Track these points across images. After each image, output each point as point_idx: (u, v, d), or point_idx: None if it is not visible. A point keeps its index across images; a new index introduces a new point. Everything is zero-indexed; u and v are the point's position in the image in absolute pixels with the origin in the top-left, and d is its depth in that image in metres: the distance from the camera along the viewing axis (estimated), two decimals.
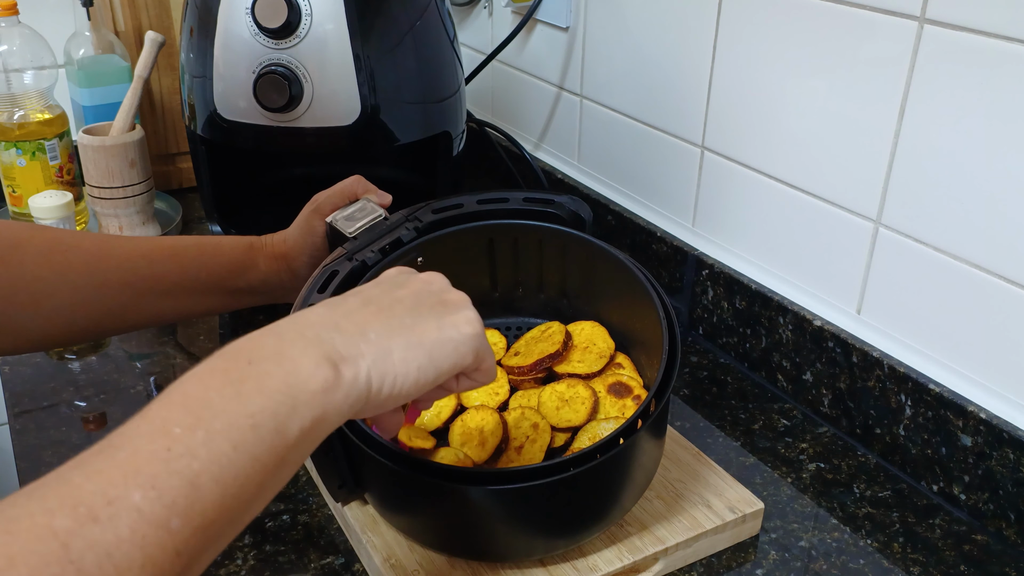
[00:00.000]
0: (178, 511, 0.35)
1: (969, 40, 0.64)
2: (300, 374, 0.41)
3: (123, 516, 0.33)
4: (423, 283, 0.51)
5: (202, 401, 0.38)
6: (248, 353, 0.41)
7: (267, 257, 0.76)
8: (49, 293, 0.65)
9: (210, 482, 0.36)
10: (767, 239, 0.87)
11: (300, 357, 0.41)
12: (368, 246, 0.70)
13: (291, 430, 0.39)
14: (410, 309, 0.48)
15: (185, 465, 0.35)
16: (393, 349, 0.45)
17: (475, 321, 0.49)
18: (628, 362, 0.73)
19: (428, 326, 0.47)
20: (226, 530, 0.37)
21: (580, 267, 0.75)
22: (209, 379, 0.39)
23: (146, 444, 0.36)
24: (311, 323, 0.44)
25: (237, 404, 0.38)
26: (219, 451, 0.37)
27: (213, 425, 0.37)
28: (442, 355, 0.47)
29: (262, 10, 0.81)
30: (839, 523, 0.70)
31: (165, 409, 0.38)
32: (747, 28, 0.83)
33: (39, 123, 1.10)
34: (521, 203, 0.74)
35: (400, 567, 0.61)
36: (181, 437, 0.36)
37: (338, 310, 0.47)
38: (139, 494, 0.34)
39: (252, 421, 0.38)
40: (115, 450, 0.36)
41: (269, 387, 0.40)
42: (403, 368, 0.45)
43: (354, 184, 0.78)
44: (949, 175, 0.68)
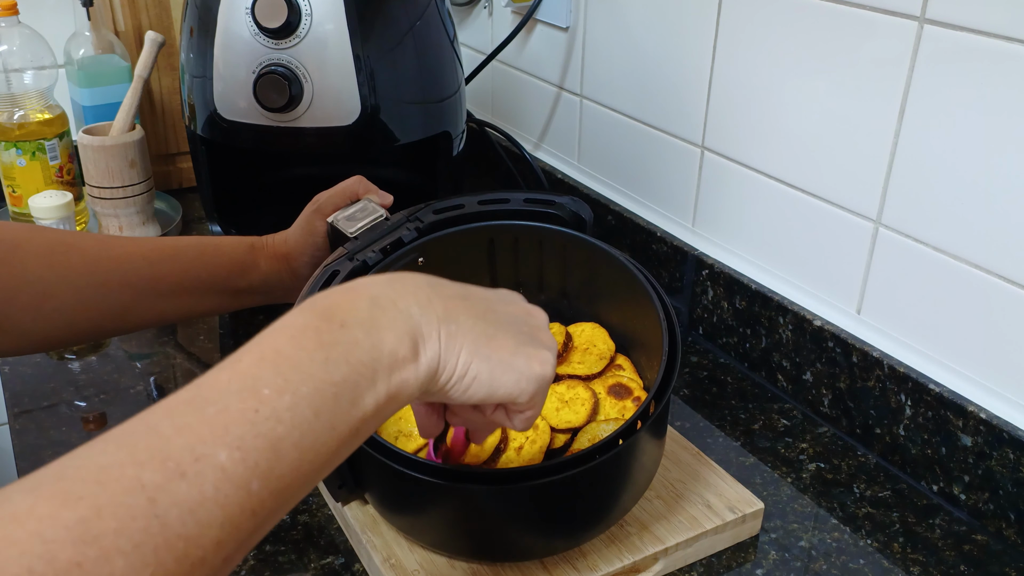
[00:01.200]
0: (259, 473, 0.35)
1: (969, 40, 0.64)
2: (384, 348, 0.41)
3: (208, 474, 0.33)
4: (525, 312, 0.51)
5: (292, 362, 0.38)
6: (342, 314, 0.41)
7: (268, 257, 0.76)
8: (50, 294, 0.65)
9: (291, 447, 0.36)
10: (767, 239, 0.87)
11: (388, 329, 0.42)
12: (369, 246, 0.70)
13: (367, 403, 0.40)
14: (499, 322, 0.47)
15: (270, 428, 0.36)
16: (463, 348, 0.45)
17: (550, 365, 0.48)
18: (628, 363, 0.73)
19: (505, 344, 0.47)
20: (297, 494, 0.38)
21: (580, 268, 0.75)
22: (302, 337, 0.40)
23: (236, 402, 0.36)
24: (406, 291, 0.44)
25: (324, 371, 0.39)
26: (302, 417, 0.37)
27: (300, 390, 0.37)
28: (503, 378, 0.46)
29: (262, 10, 0.81)
30: (839, 523, 0.70)
31: (256, 366, 0.38)
32: (747, 28, 0.83)
33: (39, 123, 1.10)
34: (522, 204, 0.74)
35: (400, 567, 0.61)
36: (269, 399, 0.36)
37: (437, 288, 0.46)
38: (225, 454, 0.34)
39: (335, 390, 0.39)
40: (205, 403, 0.36)
41: (356, 357, 0.40)
42: (462, 370, 0.45)
43: (355, 184, 0.78)
44: (949, 175, 0.68)
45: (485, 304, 0.48)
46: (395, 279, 0.45)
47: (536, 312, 0.52)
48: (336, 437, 0.39)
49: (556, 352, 0.50)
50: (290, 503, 0.38)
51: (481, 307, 0.47)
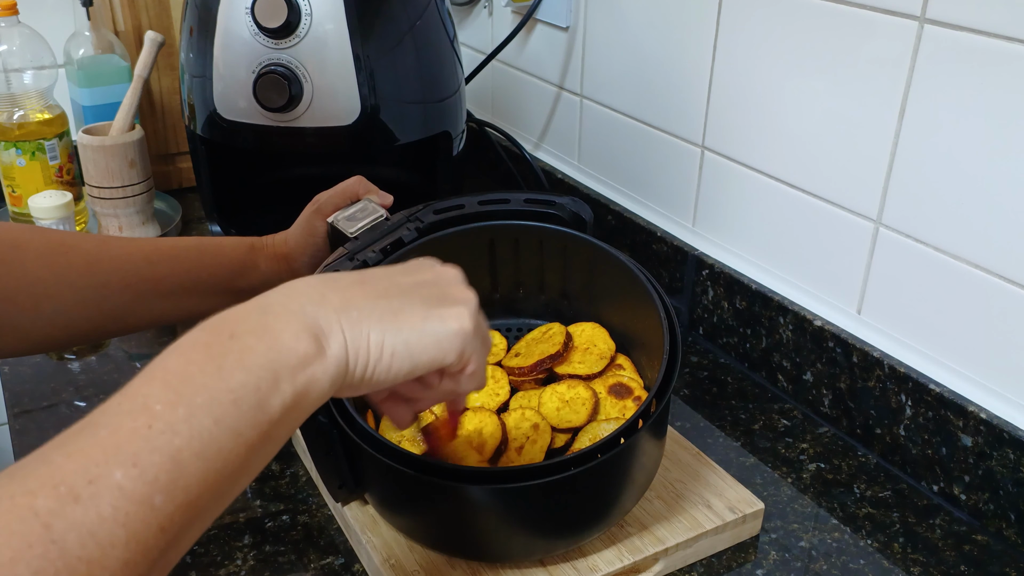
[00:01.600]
0: (160, 487, 0.35)
1: (969, 40, 0.64)
2: (281, 348, 0.40)
3: (105, 495, 0.33)
4: (434, 274, 0.50)
5: (183, 376, 0.38)
6: (232, 326, 0.41)
7: (268, 258, 0.76)
8: (50, 295, 0.65)
9: (192, 458, 0.36)
10: (767, 239, 0.87)
11: (282, 331, 0.41)
12: (369, 246, 0.70)
13: (273, 405, 0.39)
14: (403, 295, 0.47)
15: (167, 441, 0.35)
16: (370, 331, 0.44)
17: (466, 318, 0.47)
18: (629, 363, 0.73)
19: (413, 314, 0.46)
20: (211, 505, 0.37)
21: (581, 268, 0.75)
22: (191, 353, 0.39)
23: (127, 421, 0.36)
24: (298, 293, 0.44)
25: (218, 379, 0.38)
26: (201, 427, 0.37)
27: (194, 401, 0.37)
28: (420, 345, 0.45)
29: (262, 10, 0.81)
30: (839, 523, 0.70)
31: (147, 385, 0.38)
32: (747, 28, 0.83)
33: (39, 123, 1.10)
34: (522, 204, 0.74)
35: (400, 567, 0.61)
36: (162, 414, 0.36)
37: (329, 283, 0.46)
38: (120, 472, 0.34)
39: (233, 396, 0.38)
40: (96, 428, 0.36)
41: (250, 362, 0.39)
42: (376, 352, 0.44)
43: (355, 184, 0.78)
44: (949, 175, 0.68)
45: (385, 282, 0.48)
46: (286, 286, 0.45)
47: (445, 271, 0.51)
48: (243, 443, 0.38)
49: (474, 302, 0.49)
50: (205, 516, 0.37)
51: (381, 286, 0.47)
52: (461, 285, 0.50)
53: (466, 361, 0.48)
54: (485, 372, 0.51)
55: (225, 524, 0.68)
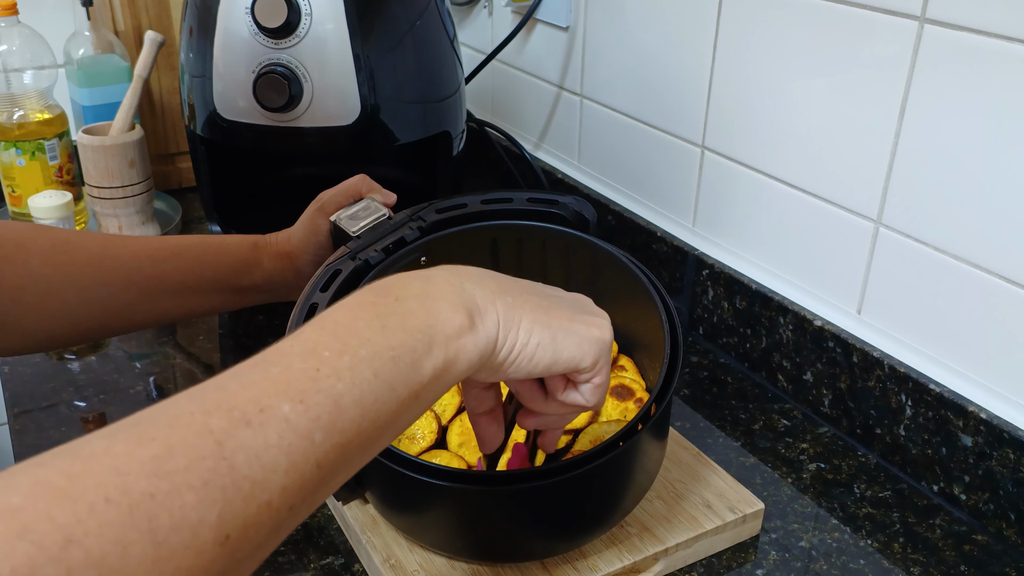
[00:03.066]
0: (321, 425, 0.37)
1: (969, 40, 0.64)
2: (439, 316, 0.44)
3: (272, 424, 0.35)
4: (571, 296, 0.54)
5: (350, 329, 0.41)
6: (397, 290, 0.44)
7: (271, 256, 0.76)
8: (54, 293, 0.65)
9: (351, 404, 0.38)
10: (767, 239, 0.87)
11: (441, 301, 0.44)
12: (371, 245, 0.70)
13: (426, 367, 0.42)
14: (550, 298, 0.50)
15: (331, 385, 0.38)
16: (523, 318, 0.47)
17: (607, 329, 0.51)
18: (631, 364, 0.73)
19: (562, 313, 0.49)
20: (361, 452, 0.40)
21: (583, 268, 0.74)
22: (359, 310, 0.42)
23: (298, 362, 0.38)
24: (458, 273, 0.47)
25: (381, 336, 0.41)
26: (362, 376, 0.39)
27: (359, 352, 0.40)
28: (565, 343, 0.48)
29: (262, 10, 0.81)
30: (839, 523, 0.70)
31: (316, 334, 0.40)
32: (747, 28, 0.83)
33: (39, 123, 1.10)
34: (525, 203, 0.74)
35: (400, 567, 0.61)
36: (329, 360, 0.39)
37: (486, 271, 0.49)
38: (288, 406, 0.36)
39: (393, 353, 0.41)
40: (269, 365, 0.38)
41: (411, 325, 0.42)
42: (524, 338, 0.47)
43: (358, 183, 0.78)
44: (949, 175, 0.68)
45: (533, 287, 0.51)
46: (447, 267, 0.48)
47: (580, 295, 0.55)
48: (396, 398, 0.41)
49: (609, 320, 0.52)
50: (355, 461, 0.40)
51: (529, 287, 0.51)
52: (594, 304, 0.54)
53: (597, 371, 0.51)
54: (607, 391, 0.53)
55: None
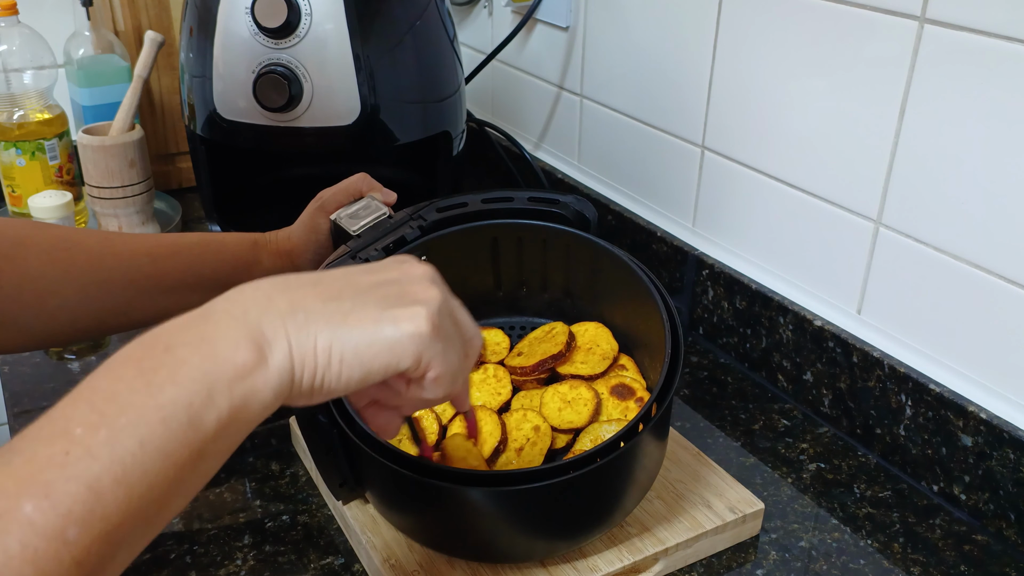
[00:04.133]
0: (75, 519, 0.33)
1: (969, 40, 0.64)
2: (217, 359, 0.38)
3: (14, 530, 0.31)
4: (399, 272, 0.46)
5: (109, 395, 0.36)
6: (167, 338, 0.39)
7: (271, 254, 0.76)
8: (54, 291, 0.65)
9: (112, 484, 0.34)
10: (767, 239, 0.87)
11: (220, 340, 0.38)
12: (371, 244, 0.70)
13: (207, 421, 0.37)
14: (358, 295, 0.43)
15: (84, 468, 0.33)
16: (318, 336, 0.41)
17: (422, 319, 0.43)
18: (632, 364, 0.73)
19: (365, 316, 0.42)
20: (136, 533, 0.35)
21: (584, 268, 0.74)
22: (122, 370, 0.37)
23: (44, 448, 0.34)
24: (243, 298, 0.41)
25: (147, 396, 0.36)
26: (124, 449, 0.34)
27: (118, 422, 0.35)
28: (370, 353, 0.42)
29: (262, 10, 0.81)
30: (839, 523, 0.70)
31: (71, 407, 0.36)
32: (747, 28, 0.83)
33: (39, 123, 1.10)
34: (526, 202, 0.74)
35: (400, 567, 0.61)
36: (81, 438, 0.34)
37: (280, 285, 0.43)
38: (31, 504, 0.32)
39: (162, 414, 0.36)
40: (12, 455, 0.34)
41: (183, 376, 0.37)
42: (324, 360, 0.41)
43: (359, 181, 0.78)
44: (949, 175, 0.68)
45: (341, 281, 0.44)
46: (235, 290, 0.42)
47: (412, 269, 0.47)
48: (173, 464, 0.36)
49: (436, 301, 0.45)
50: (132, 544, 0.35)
51: (335, 287, 0.43)
52: (425, 283, 0.46)
53: (426, 366, 0.44)
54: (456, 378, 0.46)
55: (225, 524, 0.68)
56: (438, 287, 0.46)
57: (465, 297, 0.76)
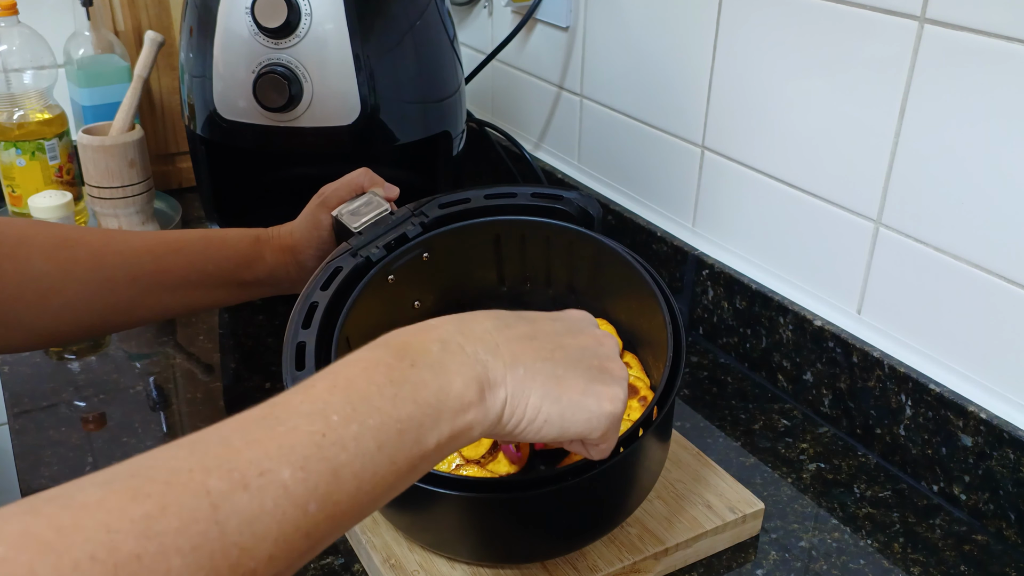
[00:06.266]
0: (317, 496, 0.36)
1: (969, 40, 0.64)
2: (451, 390, 0.42)
3: (270, 489, 0.34)
4: (594, 341, 0.51)
5: (363, 395, 0.40)
6: (413, 355, 0.43)
7: (274, 250, 0.76)
8: (56, 289, 0.65)
9: (351, 475, 0.37)
10: (767, 239, 0.87)
11: (455, 373, 0.43)
12: (373, 241, 0.70)
13: (429, 442, 0.41)
14: (568, 360, 0.48)
15: (334, 454, 0.37)
16: (532, 392, 0.45)
17: (620, 401, 0.48)
18: (636, 361, 0.73)
19: (575, 385, 0.47)
20: (350, 522, 0.39)
21: (587, 264, 0.74)
22: (373, 372, 0.41)
23: (305, 424, 0.37)
24: (474, 336, 0.45)
25: (392, 407, 0.40)
26: (365, 448, 0.38)
27: (367, 421, 0.39)
28: (573, 419, 0.47)
29: (262, 10, 0.81)
30: (839, 523, 0.70)
31: (329, 393, 0.39)
32: (747, 28, 0.83)
33: (39, 123, 1.10)
34: (529, 199, 0.74)
35: (400, 567, 0.61)
36: (336, 426, 0.38)
37: (503, 331, 0.47)
38: (289, 472, 0.35)
39: (400, 426, 0.40)
40: (276, 422, 0.37)
41: (422, 397, 0.41)
42: (532, 414, 0.45)
43: (361, 177, 0.77)
44: (949, 175, 0.68)
45: (554, 341, 0.49)
46: (464, 321, 0.46)
47: (606, 340, 0.52)
48: (395, 471, 0.40)
49: (627, 383, 0.50)
50: (342, 530, 0.38)
51: (549, 346, 0.48)
52: (618, 360, 0.51)
53: (605, 439, 0.49)
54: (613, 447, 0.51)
55: None
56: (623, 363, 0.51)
57: (469, 292, 0.76)
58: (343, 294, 0.66)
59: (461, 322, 0.46)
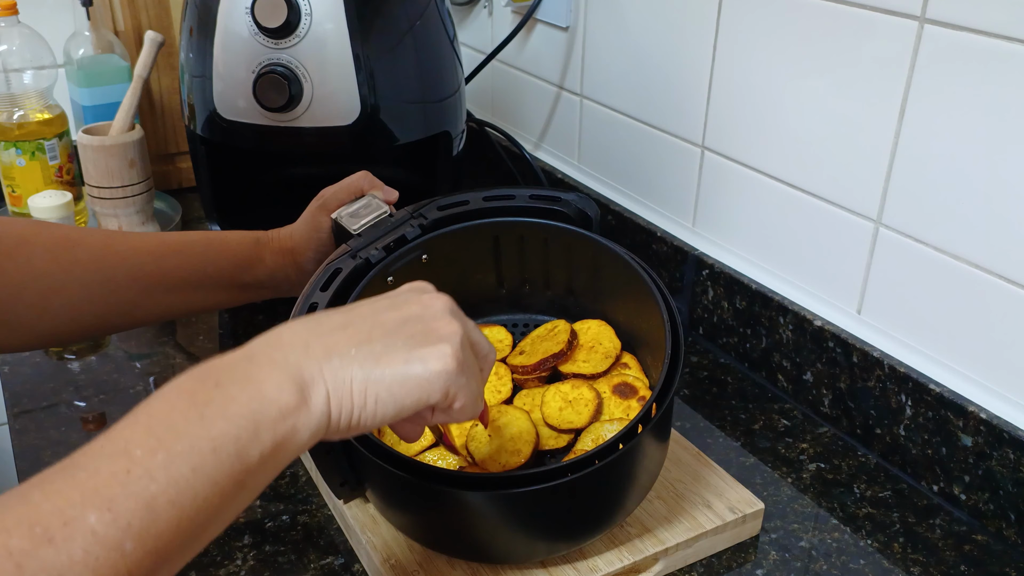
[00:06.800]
0: (132, 533, 0.35)
1: (969, 40, 0.64)
2: (263, 399, 0.41)
3: (78, 538, 0.34)
4: (420, 306, 0.49)
5: (166, 423, 0.39)
6: (217, 375, 0.42)
7: (274, 252, 0.76)
8: (57, 289, 0.65)
9: (167, 505, 0.37)
10: (767, 239, 0.87)
11: (265, 381, 0.42)
12: (372, 243, 0.70)
13: (251, 455, 0.40)
14: (386, 335, 0.46)
15: (143, 487, 0.36)
16: (353, 379, 0.44)
17: (448, 357, 0.46)
18: (635, 362, 0.73)
19: (395, 357, 0.45)
20: (179, 552, 0.38)
21: (586, 266, 0.74)
22: (176, 400, 0.40)
23: (107, 465, 0.36)
24: (283, 343, 0.44)
25: (200, 427, 0.39)
26: (178, 474, 0.37)
27: (174, 448, 0.38)
28: (403, 391, 0.45)
29: (262, 10, 0.81)
30: (839, 523, 0.70)
31: (129, 430, 0.38)
32: (747, 28, 0.83)
33: (39, 123, 1.10)
34: (527, 200, 0.74)
35: (400, 567, 0.61)
36: (141, 459, 0.37)
37: (314, 329, 0.46)
38: (95, 516, 0.34)
39: (213, 445, 0.39)
40: (76, 469, 0.36)
41: (233, 412, 0.40)
42: (359, 400, 0.44)
43: (360, 180, 0.78)
44: (949, 175, 0.68)
45: (370, 321, 0.47)
46: (273, 332, 0.45)
47: (434, 302, 0.50)
48: (219, 492, 0.39)
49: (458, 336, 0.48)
50: (175, 562, 0.38)
51: (364, 328, 0.46)
52: (447, 317, 0.49)
53: (452, 398, 0.47)
54: (478, 402, 0.50)
55: None
56: (458, 319, 0.49)
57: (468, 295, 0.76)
58: (342, 295, 0.66)
59: (270, 334, 0.45)
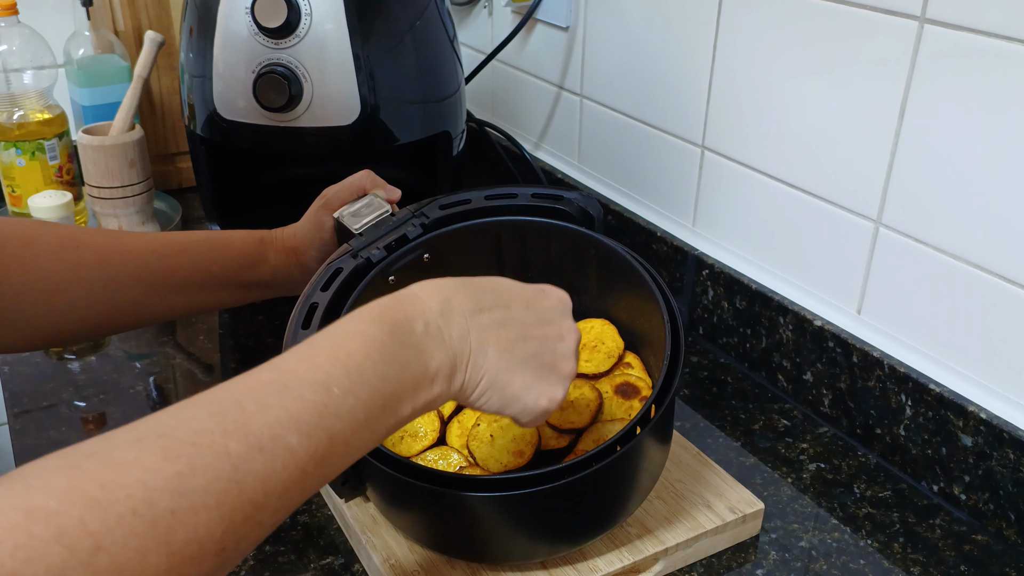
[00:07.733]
0: (315, 460, 0.40)
1: (969, 40, 0.64)
2: (427, 372, 0.47)
3: (280, 453, 0.39)
4: (558, 336, 0.55)
5: (360, 369, 0.44)
6: (402, 334, 0.47)
7: (277, 251, 0.76)
8: (61, 289, 0.65)
9: (341, 443, 0.42)
10: (767, 239, 0.87)
11: (433, 356, 0.48)
12: (374, 243, 0.70)
13: (404, 412, 0.46)
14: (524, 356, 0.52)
15: (331, 424, 0.41)
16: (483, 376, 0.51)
17: (555, 401, 0.54)
18: (637, 361, 0.73)
19: (521, 381, 0.52)
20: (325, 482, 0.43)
21: (588, 265, 0.74)
22: (370, 348, 0.45)
23: (310, 393, 0.41)
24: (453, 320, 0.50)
25: (382, 383, 0.44)
26: (355, 419, 0.43)
27: (360, 395, 0.43)
28: (510, 405, 0.52)
29: (262, 10, 0.81)
30: (839, 523, 0.70)
31: (331, 364, 0.43)
32: (747, 28, 0.83)
33: (39, 123, 1.10)
34: (530, 199, 0.74)
35: (400, 567, 0.61)
36: (337, 398, 0.42)
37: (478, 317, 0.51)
38: (296, 439, 0.40)
39: (384, 401, 0.44)
40: (284, 388, 0.41)
41: (405, 376, 0.46)
42: (478, 395, 0.51)
43: (363, 179, 0.78)
44: (949, 175, 0.68)
45: (519, 331, 0.53)
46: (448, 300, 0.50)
47: (568, 335, 0.55)
48: (374, 438, 0.45)
49: (573, 375, 0.55)
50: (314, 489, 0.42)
51: (513, 336, 0.52)
52: (572, 358, 0.55)
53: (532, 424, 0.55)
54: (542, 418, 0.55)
55: None
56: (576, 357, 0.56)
57: None
58: (343, 295, 0.66)
59: (444, 301, 0.50)
